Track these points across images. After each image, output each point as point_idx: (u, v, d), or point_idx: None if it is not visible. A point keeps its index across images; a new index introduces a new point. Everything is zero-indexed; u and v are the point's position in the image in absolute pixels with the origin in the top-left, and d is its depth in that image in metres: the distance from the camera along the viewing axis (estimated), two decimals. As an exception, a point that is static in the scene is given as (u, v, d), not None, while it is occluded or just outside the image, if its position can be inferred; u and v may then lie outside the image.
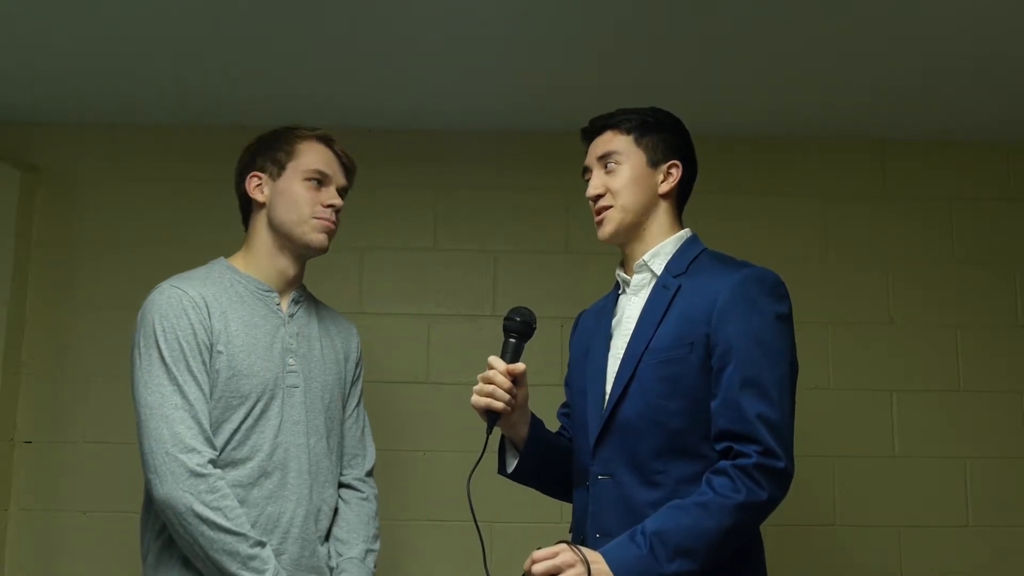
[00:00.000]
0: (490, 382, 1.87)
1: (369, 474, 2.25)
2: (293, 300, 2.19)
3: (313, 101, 2.97)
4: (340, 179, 2.19)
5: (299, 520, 2.04)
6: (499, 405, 1.86)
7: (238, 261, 2.19)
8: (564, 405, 2.18)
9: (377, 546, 2.20)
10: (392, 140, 3.15)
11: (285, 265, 2.17)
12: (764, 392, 1.77)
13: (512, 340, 1.91)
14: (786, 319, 1.87)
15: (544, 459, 2.00)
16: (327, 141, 2.20)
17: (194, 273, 2.17)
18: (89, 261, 3.12)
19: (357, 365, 2.31)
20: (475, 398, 1.89)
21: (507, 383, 1.87)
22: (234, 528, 1.93)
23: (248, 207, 2.22)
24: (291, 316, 2.17)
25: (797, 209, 3.19)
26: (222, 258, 2.22)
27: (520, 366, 1.89)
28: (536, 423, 1.99)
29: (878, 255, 3.16)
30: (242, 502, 1.99)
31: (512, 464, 2.00)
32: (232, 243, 3.07)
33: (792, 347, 1.87)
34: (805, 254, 3.16)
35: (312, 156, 2.17)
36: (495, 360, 1.89)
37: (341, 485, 2.21)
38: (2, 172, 3.05)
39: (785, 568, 2.95)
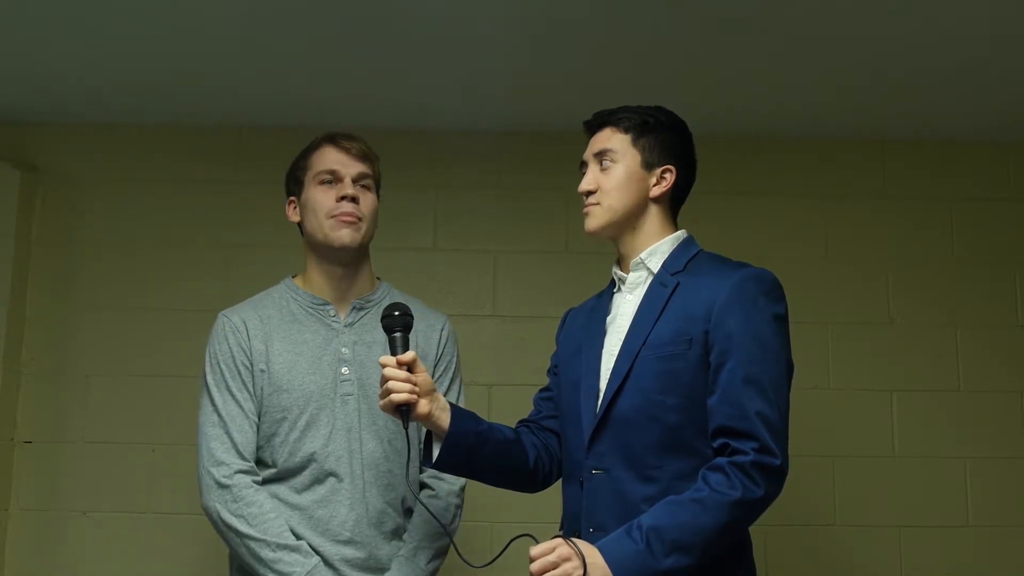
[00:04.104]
0: (386, 380, 1.89)
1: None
2: (355, 308, 2.22)
3: (313, 101, 2.98)
4: (353, 168, 2.20)
5: (350, 524, 2.10)
6: (402, 396, 1.87)
7: (300, 279, 2.27)
8: (544, 389, 2.18)
9: (438, 543, 2.19)
10: (392, 140, 3.14)
11: (330, 270, 2.21)
12: (762, 390, 1.78)
13: (396, 335, 1.94)
14: (783, 320, 1.88)
15: (473, 450, 1.97)
16: (331, 140, 2.23)
17: (254, 297, 2.27)
18: (89, 261, 3.12)
19: (438, 362, 2.29)
20: (380, 402, 1.92)
21: (402, 374, 1.89)
22: (255, 534, 2.03)
23: (300, 232, 2.28)
24: (349, 325, 2.20)
25: (797, 209, 3.19)
26: (288, 277, 2.29)
27: (410, 354, 1.92)
28: (462, 415, 1.98)
29: (878, 255, 3.17)
30: (295, 507, 2.09)
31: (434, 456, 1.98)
32: (231, 243, 3.10)
33: (788, 348, 1.87)
34: (805, 254, 3.16)
35: (320, 160, 2.21)
36: (384, 358, 1.92)
37: (421, 484, 2.23)
38: (2, 172, 3.06)
39: (785, 568, 2.95)
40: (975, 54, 2.61)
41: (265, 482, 2.11)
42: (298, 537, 2.06)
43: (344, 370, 2.15)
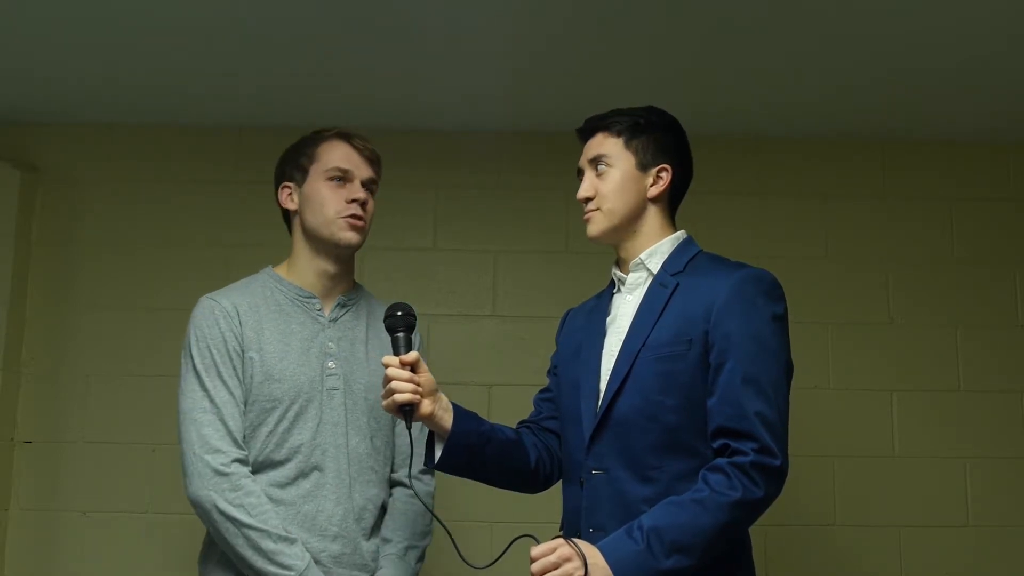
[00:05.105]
0: (389, 380, 1.89)
1: (425, 471, 2.22)
2: (338, 304, 2.22)
3: (313, 101, 2.98)
4: (363, 172, 2.21)
5: (337, 519, 2.08)
6: (405, 396, 1.87)
7: (283, 269, 2.25)
8: (545, 390, 2.18)
9: (424, 542, 2.20)
10: (392, 140, 3.12)
11: (324, 267, 2.20)
12: (762, 390, 1.78)
13: (399, 335, 1.95)
14: (782, 320, 1.88)
15: (475, 451, 1.97)
16: (346, 137, 2.22)
17: (236, 284, 2.23)
18: (89, 261, 3.12)
19: None
20: (383, 402, 1.92)
21: (405, 374, 1.89)
22: (256, 524, 1.99)
23: (288, 218, 2.27)
24: (333, 320, 2.20)
25: (797, 209, 3.19)
26: (269, 267, 2.26)
27: (413, 354, 1.92)
28: (464, 416, 1.98)
29: (878, 255, 3.17)
30: (279, 501, 2.05)
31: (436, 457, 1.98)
32: (231, 243, 3.10)
33: (788, 347, 1.88)
34: (805, 254, 3.16)
35: (332, 155, 2.19)
36: (387, 358, 1.92)
37: (394, 483, 2.22)
38: (2, 172, 3.06)
39: (785, 568, 2.95)
40: (975, 54, 2.61)
41: None
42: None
43: (330, 364, 2.14)
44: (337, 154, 2.19)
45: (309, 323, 2.17)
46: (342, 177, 2.18)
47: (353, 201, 2.16)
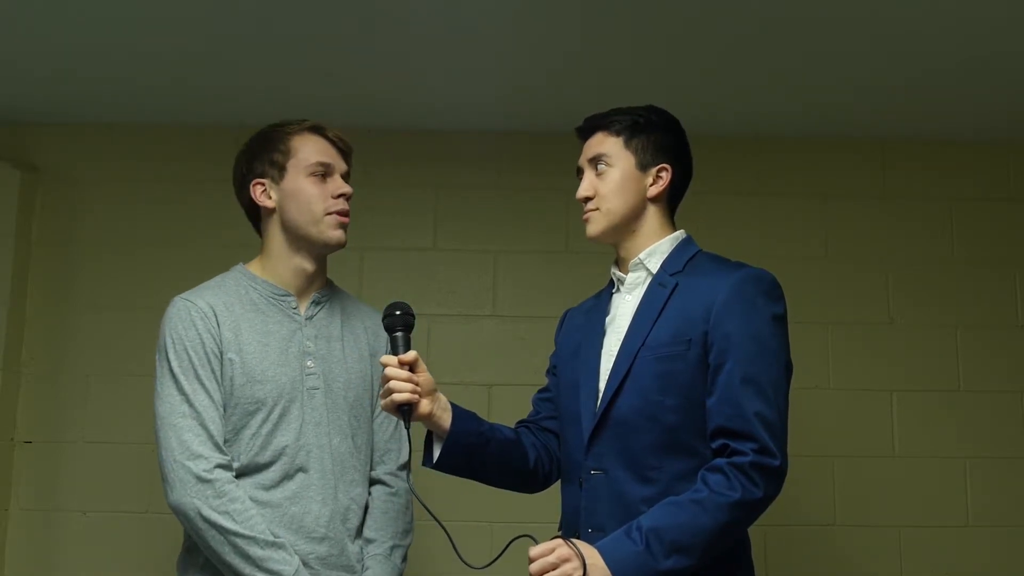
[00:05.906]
0: (388, 380, 1.88)
1: (402, 468, 2.21)
2: (313, 302, 2.17)
3: (313, 101, 2.97)
4: (342, 164, 2.17)
5: (324, 520, 2.05)
6: (403, 396, 1.86)
7: (255, 266, 2.19)
8: (543, 390, 2.17)
9: (407, 541, 2.18)
10: (392, 140, 3.15)
11: (303, 263, 2.15)
12: (761, 390, 1.78)
13: (398, 335, 1.93)
14: (782, 320, 1.88)
15: (473, 451, 1.97)
16: (319, 130, 2.17)
17: (209, 283, 2.18)
18: (89, 261, 3.12)
19: None
20: (382, 402, 1.91)
21: (404, 373, 1.88)
22: (243, 531, 1.95)
23: (256, 214, 2.20)
24: (309, 319, 2.15)
25: (797, 209, 3.19)
26: (240, 264, 2.21)
27: (411, 354, 1.90)
28: (463, 415, 1.97)
29: (878, 255, 3.17)
30: (265, 504, 2.01)
31: (435, 456, 1.98)
32: (231, 243, 3.09)
33: (787, 348, 1.87)
34: (805, 254, 3.16)
35: (309, 149, 2.14)
36: (386, 358, 1.91)
37: (373, 481, 2.19)
38: (2, 172, 3.06)
39: (785, 568, 2.95)
40: (975, 54, 2.61)
41: None
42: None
43: (309, 363, 2.11)
44: (315, 148, 2.14)
45: (286, 322, 2.12)
46: (324, 171, 2.13)
47: (340, 196, 2.12)
